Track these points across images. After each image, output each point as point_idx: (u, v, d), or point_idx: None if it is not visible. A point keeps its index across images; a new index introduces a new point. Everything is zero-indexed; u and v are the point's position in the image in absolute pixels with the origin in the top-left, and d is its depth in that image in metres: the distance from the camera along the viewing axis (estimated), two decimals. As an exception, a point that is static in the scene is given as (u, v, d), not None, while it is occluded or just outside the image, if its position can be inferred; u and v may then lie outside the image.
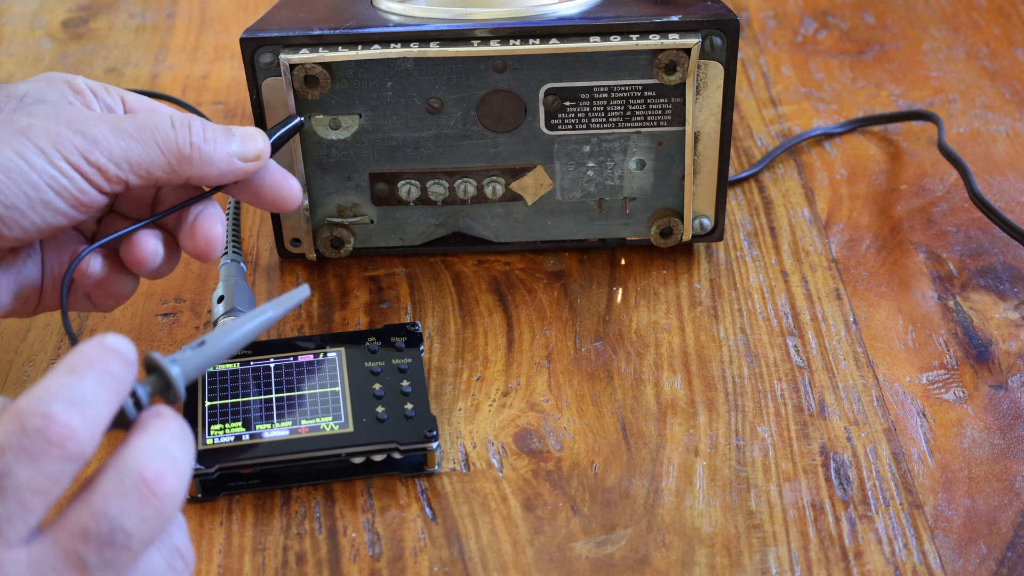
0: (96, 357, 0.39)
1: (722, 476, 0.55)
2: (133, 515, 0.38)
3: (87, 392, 0.38)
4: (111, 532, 0.37)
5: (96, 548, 0.37)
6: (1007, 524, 0.53)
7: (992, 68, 0.86)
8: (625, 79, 0.63)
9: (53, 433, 0.36)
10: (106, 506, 0.37)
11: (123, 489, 0.38)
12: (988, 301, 0.65)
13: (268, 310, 0.49)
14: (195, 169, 0.53)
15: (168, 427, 0.40)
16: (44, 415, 0.36)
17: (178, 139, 0.52)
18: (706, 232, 0.67)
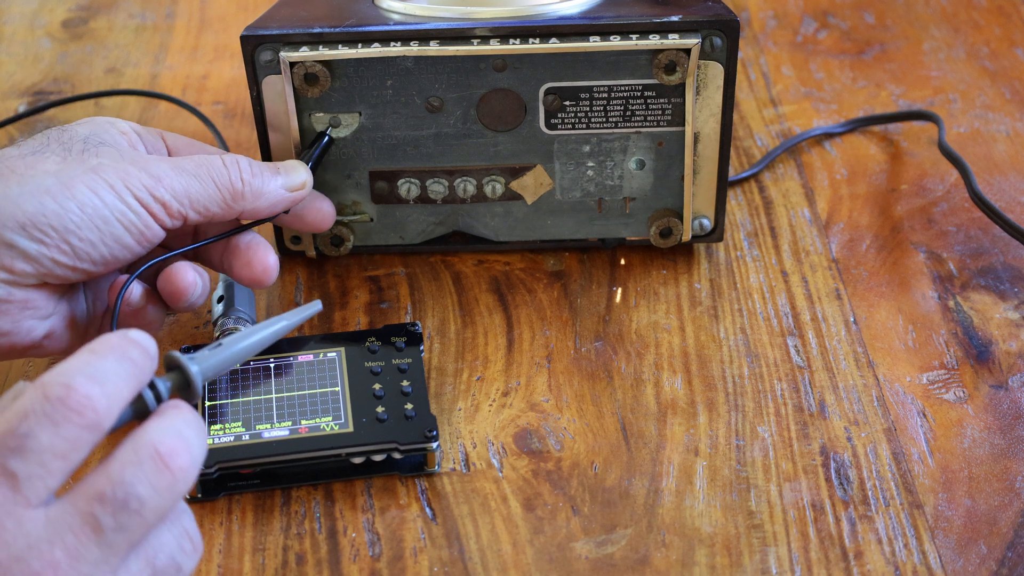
0: (117, 344, 0.42)
1: (722, 476, 0.55)
2: (147, 483, 0.40)
3: (107, 370, 0.41)
4: (126, 497, 0.39)
5: (111, 511, 0.39)
6: (1007, 524, 0.53)
7: (992, 68, 0.86)
8: (625, 79, 0.63)
9: (74, 401, 0.39)
10: (122, 473, 0.40)
11: (138, 459, 0.40)
12: (988, 301, 0.65)
13: (283, 320, 0.52)
14: (248, 203, 0.57)
15: (183, 415, 0.43)
16: (66, 385, 0.39)
17: (231, 176, 0.56)
18: (706, 232, 0.67)
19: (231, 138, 0.80)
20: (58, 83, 0.87)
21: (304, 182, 0.60)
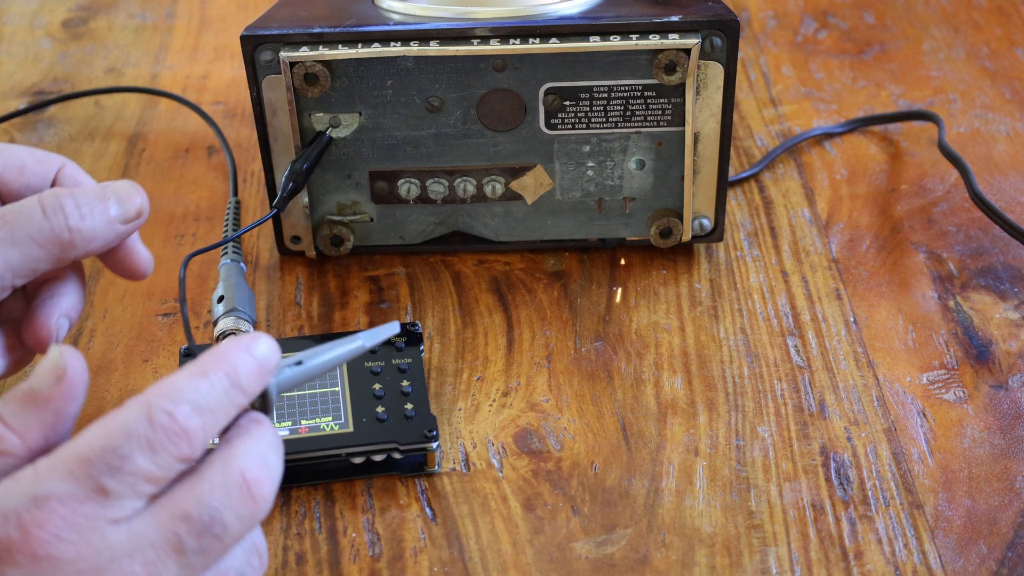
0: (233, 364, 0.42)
1: (722, 476, 0.55)
2: (232, 510, 0.40)
3: (213, 402, 0.41)
4: (211, 521, 0.40)
5: (195, 533, 0.39)
6: (1007, 524, 0.53)
7: (992, 68, 0.86)
8: (625, 79, 0.63)
9: (174, 432, 0.39)
10: (210, 497, 0.40)
11: (226, 485, 0.40)
12: (988, 301, 0.65)
13: (360, 339, 0.49)
14: (79, 249, 0.50)
15: (267, 435, 0.43)
16: (170, 414, 0.39)
17: (54, 227, 0.49)
18: (706, 232, 0.67)
19: (231, 138, 0.80)
20: (58, 83, 0.87)
21: (140, 208, 0.52)
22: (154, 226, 0.72)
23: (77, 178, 0.54)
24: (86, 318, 0.65)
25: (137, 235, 0.54)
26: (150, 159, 0.79)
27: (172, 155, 0.79)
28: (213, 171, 0.77)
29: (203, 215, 0.73)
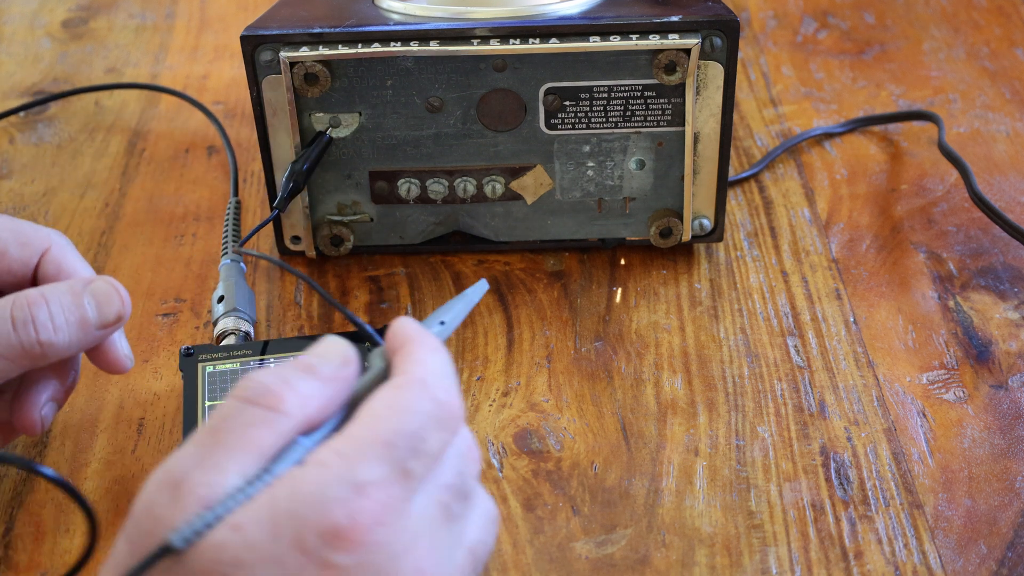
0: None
1: (722, 476, 0.55)
2: (476, 475, 0.42)
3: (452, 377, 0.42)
4: (468, 489, 0.42)
5: (460, 500, 0.41)
6: (1007, 524, 0.53)
7: (992, 68, 0.86)
8: (625, 79, 0.63)
9: (452, 410, 0.41)
10: (463, 466, 0.41)
11: (471, 455, 0.42)
12: (988, 301, 0.65)
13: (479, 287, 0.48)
14: (52, 359, 0.49)
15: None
16: (447, 391, 0.41)
17: (23, 343, 0.47)
18: (706, 232, 0.67)
19: (231, 138, 0.80)
20: (58, 83, 0.87)
21: (119, 313, 0.50)
22: (154, 226, 0.72)
23: (62, 264, 0.51)
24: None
25: (121, 330, 0.52)
26: (150, 158, 0.79)
27: (172, 154, 0.79)
28: (213, 171, 0.77)
29: (203, 215, 0.73)
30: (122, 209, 0.74)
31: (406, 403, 0.39)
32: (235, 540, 0.36)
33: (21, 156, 0.79)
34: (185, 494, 0.36)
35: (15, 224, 0.51)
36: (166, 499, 0.36)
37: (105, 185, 0.76)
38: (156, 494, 0.36)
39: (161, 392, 0.61)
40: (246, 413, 0.38)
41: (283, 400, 0.39)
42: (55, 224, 0.73)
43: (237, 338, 0.61)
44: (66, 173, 0.77)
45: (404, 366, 0.41)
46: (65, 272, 0.51)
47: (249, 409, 0.38)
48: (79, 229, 0.72)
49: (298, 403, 0.39)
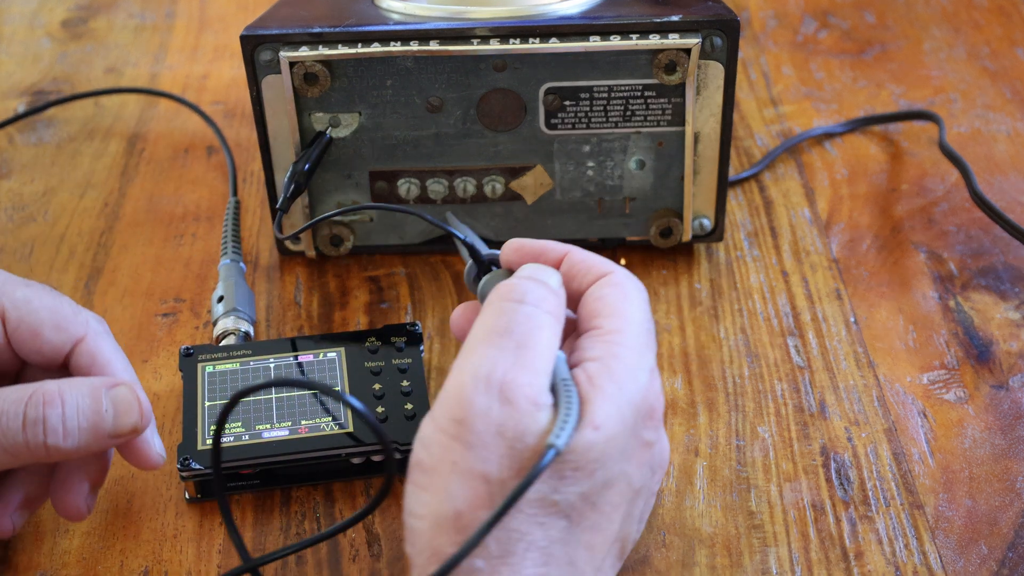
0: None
1: (722, 476, 0.55)
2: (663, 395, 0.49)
3: None
4: (660, 415, 0.47)
5: (653, 426, 0.46)
6: (1008, 524, 0.53)
7: (993, 68, 0.86)
8: (625, 79, 0.63)
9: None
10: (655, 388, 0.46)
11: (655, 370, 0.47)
12: (989, 301, 0.65)
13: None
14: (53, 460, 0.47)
15: None
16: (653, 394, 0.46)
17: (29, 442, 0.45)
18: (706, 232, 0.67)
19: (231, 138, 0.80)
20: (57, 83, 0.87)
21: (135, 426, 0.48)
22: (154, 226, 0.72)
23: (96, 356, 0.49)
24: (86, 318, 0.65)
25: (153, 425, 0.50)
26: (150, 159, 0.78)
27: (172, 155, 0.79)
28: (213, 171, 0.77)
29: (203, 215, 0.73)
30: (122, 209, 0.74)
31: (634, 374, 0.44)
32: (598, 437, 0.41)
33: (21, 156, 0.79)
34: (516, 397, 0.41)
35: (55, 302, 0.49)
36: (498, 403, 0.41)
37: (105, 185, 0.76)
38: (485, 398, 0.41)
39: (161, 392, 0.60)
40: (536, 317, 0.43)
41: (559, 307, 0.45)
42: (55, 224, 0.73)
43: (237, 338, 0.61)
44: (65, 173, 0.77)
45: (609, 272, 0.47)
46: (98, 366, 0.49)
47: (538, 314, 0.43)
48: (79, 229, 0.72)
49: (561, 309, 0.45)
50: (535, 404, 0.41)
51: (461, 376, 0.42)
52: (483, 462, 0.40)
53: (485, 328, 0.43)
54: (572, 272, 0.48)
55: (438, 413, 0.42)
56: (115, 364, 0.50)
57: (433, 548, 0.41)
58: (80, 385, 0.47)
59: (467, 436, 0.41)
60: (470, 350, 0.43)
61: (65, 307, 0.49)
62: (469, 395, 0.41)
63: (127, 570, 0.52)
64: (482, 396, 0.41)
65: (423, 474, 0.42)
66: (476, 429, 0.41)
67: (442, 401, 0.42)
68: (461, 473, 0.41)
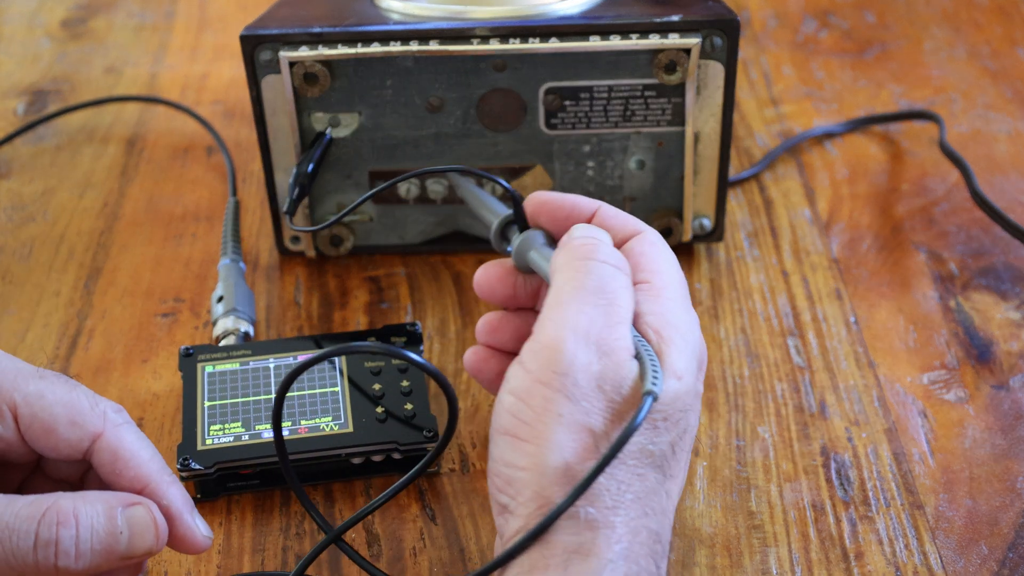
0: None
1: (722, 476, 0.55)
2: None
3: None
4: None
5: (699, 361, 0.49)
6: (1008, 525, 0.53)
7: (993, 68, 0.86)
8: (625, 79, 0.63)
9: None
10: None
11: None
12: (989, 301, 0.65)
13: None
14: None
15: None
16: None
17: (39, 564, 0.43)
18: (706, 232, 0.67)
19: (231, 138, 0.80)
20: (57, 83, 0.87)
21: (150, 549, 0.45)
22: (153, 226, 0.72)
23: (118, 452, 0.47)
24: (85, 318, 0.65)
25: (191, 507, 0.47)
26: (149, 159, 0.78)
27: (171, 155, 0.79)
28: (212, 171, 0.77)
29: (203, 215, 0.73)
30: (121, 209, 0.74)
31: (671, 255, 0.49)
32: (681, 387, 0.45)
33: (20, 156, 0.79)
34: (613, 350, 0.44)
35: (71, 396, 0.47)
36: (596, 357, 0.43)
37: (104, 185, 0.76)
38: (586, 353, 0.43)
39: (160, 392, 0.60)
40: (618, 275, 0.46)
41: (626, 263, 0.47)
42: (54, 224, 0.72)
43: (237, 338, 0.61)
44: (65, 173, 0.77)
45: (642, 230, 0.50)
46: (122, 462, 0.46)
47: (620, 276, 0.46)
48: (78, 229, 0.72)
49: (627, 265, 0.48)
50: (629, 355, 0.44)
51: (559, 331, 0.44)
52: (586, 414, 0.43)
53: (575, 286, 0.45)
54: (605, 226, 0.51)
55: (535, 366, 0.44)
56: (139, 457, 0.47)
57: (543, 497, 0.42)
58: (96, 502, 0.45)
59: (571, 389, 0.43)
60: (562, 306, 0.45)
61: (81, 400, 0.47)
62: (571, 350, 0.43)
63: (127, 570, 0.52)
64: (583, 351, 0.43)
65: (523, 426, 0.43)
66: (579, 383, 0.43)
67: (538, 354, 0.44)
68: (567, 425, 0.43)
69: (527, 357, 0.44)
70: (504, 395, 0.44)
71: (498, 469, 0.44)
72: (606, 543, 0.41)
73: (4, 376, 0.46)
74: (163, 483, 0.47)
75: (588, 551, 0.41)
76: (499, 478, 0.44)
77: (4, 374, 0.47)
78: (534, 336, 0.45)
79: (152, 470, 0.47)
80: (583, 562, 0.41)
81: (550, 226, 0.52)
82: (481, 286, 0.53)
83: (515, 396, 0.44)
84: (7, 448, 0.47)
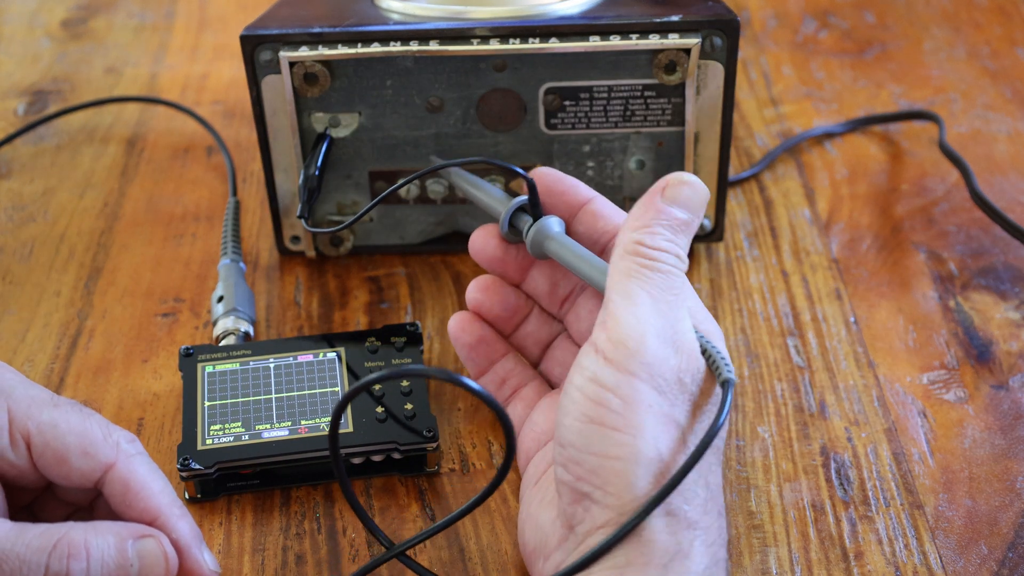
0: None
1: (722, 476, 0.55)
2: None
3: None
4: None
5: None
6: (1008, 525, 0.53)
7: (993, 68, 0.86)
8: (625, 79, 0.63)
9: None
10: None
11: None
12: (989, 301, 0.65)
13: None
14: None
15: None
16: None
17: None
18: (706, 232, 0.67)
19: (231, 138, 0.80)
20: (57, 83, 0.87)
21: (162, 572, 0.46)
22: (153, 226, 0.72)
23: (130, 483, 0.47)
24: (85, 318, 0.65)
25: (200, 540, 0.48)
26: (149, 158, 0.78)
27: (171, 155, 0.79)
28: (212, 171, 0.77)
29: (203, 215, 0.73)
30: (121, 209, 0.74)
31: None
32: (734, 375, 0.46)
33: (20, 156, 0.79)
34: (685, 345, 0.45)
35: (84, 425, 0.47)
36: (672, 352, 0.45)
37: (104, 185, 0.76)
38: (664, 349, 0.44)
39: (160, 392, 0.60)
40: (679, 279, 0.47)
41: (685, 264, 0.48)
42: (54, 224, 0.73)
43: (237, 338, 0.61)
44: (65, 173, 0.77)
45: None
46: (132, 493, 0.47)
47: (682, 277, 0.47)
48: (78, 229, 0.72)
49: None
50: (698, 350, 0.46)
51: (640, 325, 0.44)
52: (672, 407, 0.44)
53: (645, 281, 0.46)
54: (598, 214, 0.54)
55: (618, 357, 0.44)
56: (150, 488, 0.47)
57: (635, 488, 0.43)
58: (107, 534, 0.45)
59: (657, 382, 0.44)
60: (636, 301, 0.45)
61: (95, 430, 0.47)
62: (653, 343, 0.44)
63: (127, 570, 0.52)
64: (663, 347, 0.44)
65: (613, 415, 0.43)
66: (665, 376, 0.44)
67: (619, 345, 0.44)
68: (657, 416, 0.43)
69: (607, 348, 0.44)
70: (584, 383, 0.44)
71: (581, 458, 0.44)
72: (703, 546, 0.43)
73: (18, 405, 0.46)
74: (173, 516, 0.47)
75: (687, 554, 0.42)
76: (581, 467, 0.44)
77: (19, 403, 0.46)
78: (608, 329, 0.45)
79: (163, 503, 0.47)
80: (682, 564, 0.42)
81: (549, 201, 0.54)
82: (475, 243, 0.57)
83: (599, 385, 0.44)
84: (19, 475, 0.47)
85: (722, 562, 0.44)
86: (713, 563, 0.43)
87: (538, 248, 0.54)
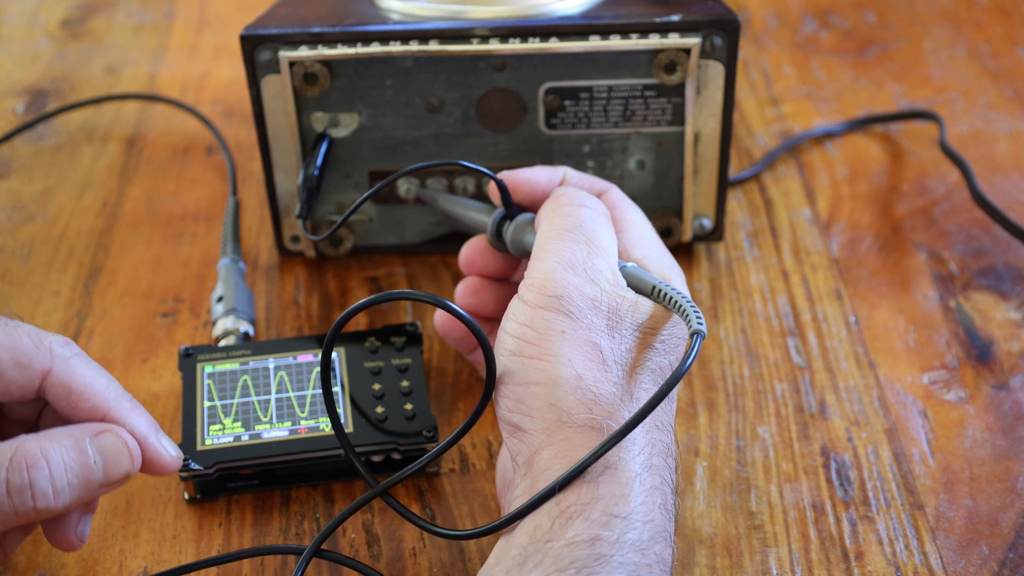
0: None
1: (722, 477, 0.55)
2: None
3: None
4: None
5: None
6: (1009, 525, 0.53)
7: (994, 67, 0.86)
8: (625, 79, 0.63)
9: None
10: None
11: None
12: (990, 301, 0.65)
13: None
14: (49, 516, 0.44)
15: None
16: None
17: (16, 509, 0.43)
18: (706, 232, 0.67)
19: (230, 137, 0.80)
20: (56, 82, 0.87)
21: (127, 473, 0.45)
22: (153, 226, 0.72)
23: (71, 385, 0.46)
24: (85, 318, 0.65)
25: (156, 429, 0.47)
26: (149, 159, 0.78)
27: (171, 155, 0.79)
28: (212, 171, 0.77)
29: (202, 214, 0.73)
30: (121, 209, 0.74)
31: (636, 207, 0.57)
32: None
33: (20, 156, 0.79)
34: (598, 279, 0.48)
35: (13, 339, 0.45)
36: (585, 281, 0.47)
37: (104, 185, 0.76)
38: (575, 278, 0.47)
39: (160, 392, 0.60)
40: (595, 217, 0.50)
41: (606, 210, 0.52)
42: (54, 223, 0.72)
43: (236, 338, 0.61)
44: (64, 173, 0.77)
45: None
46: (75, 394, 0.46)
47: (601, 218, 0.51)
48: (78, 229, 0.72)
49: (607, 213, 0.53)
50: (615, 285, 0.48)
51: (546, 264, 0.48)
52: (588, 330, 0.46)
53: (556, 227, 0.50)
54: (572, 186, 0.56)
55: (531, 296, 0.47)
56: (94, 387, 0.46)
57: (557, 408, 0.45)
58: (62, 439, 0.44)
59: (569, 308, 0.46)
60: (546, 245, 0.49)
61: (24, 340, 0.46)
62: (561, 276, 0.47)
63: (126, 570, 0.52)
64: (572, 276, 0.47)
65: (530, 346, 0.46)
66: (575, 302, 0.47)
67: (532, 285, 0.48)
68: (572, 341, 0.46)
69: (524, 291, 0.48)
70: (507, 323, 0.48)
71: (509, 390, 0.46)
72: (630, 455, 0.43)
73: None
74: (123, 409, 0.46)
75: (615, 464, 0.43)
76: (509, 399, 0.46)
77: None
78: (527, 276, 0.48)
79: (109, 397, 0.46)
80: (613, 475, 0.43)
81: (530, 202, 0.57)
82: (468, 259, 0.59)
83: (517, 322, 0.47)
84: None
85: (661, 471, 0.45)
86: (646, 470, 0.44)
87: (520, 249, 0.55)
